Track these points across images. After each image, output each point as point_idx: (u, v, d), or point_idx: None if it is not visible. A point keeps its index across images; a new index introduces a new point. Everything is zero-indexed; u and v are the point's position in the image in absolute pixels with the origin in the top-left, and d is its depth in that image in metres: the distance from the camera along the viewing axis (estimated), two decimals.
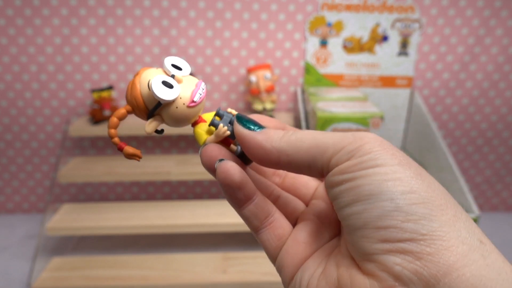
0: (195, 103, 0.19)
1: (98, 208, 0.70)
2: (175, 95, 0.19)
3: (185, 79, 0.20)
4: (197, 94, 0.19)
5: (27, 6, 0.70)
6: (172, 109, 0.19)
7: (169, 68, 0.19)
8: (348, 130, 0.61)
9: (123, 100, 0.78)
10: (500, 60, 0.77)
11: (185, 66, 0.20)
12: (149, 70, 0.20)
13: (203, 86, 0.20)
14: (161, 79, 0.19)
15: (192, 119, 0.20)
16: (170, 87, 0.19)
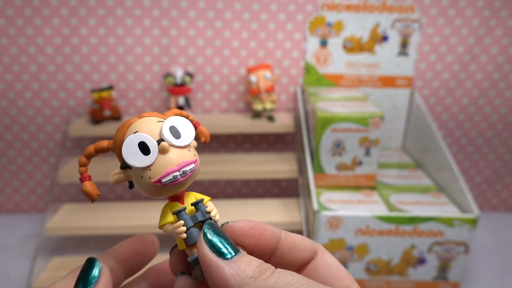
0: (160, 183, 0.16)
1: (98, 208, 0.70)
2: (139, 164, 0.16)
3: (175, 150, 0.16)
4: (169, 176, 0.16)
5: (27, 6, 0.70)
6: (137, 176, 0.17)
7: (164, 131, 0.16)
8: (348, 130, 0.61)
9: (123, 100, 0.78)
10: (500, 60, 0.77)
11: (187, 134, 0.17)
12: (146, 120, 0.17)
13: (189, 168, 0.16)
14: (140, 139, 0.16)
15: (158, 195, 0.17)
16: (145, 152, 0.16)
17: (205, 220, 0.17)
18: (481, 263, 0.69)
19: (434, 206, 0.59)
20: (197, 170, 0.17)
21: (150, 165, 0.16)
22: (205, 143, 0.19)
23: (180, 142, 0.17)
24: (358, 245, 0.56)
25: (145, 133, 0.16)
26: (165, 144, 0.16)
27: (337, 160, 0.64)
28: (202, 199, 0.18)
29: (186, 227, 0.17)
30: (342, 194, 0.63)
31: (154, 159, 0.16)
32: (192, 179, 0.17)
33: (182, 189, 0.18)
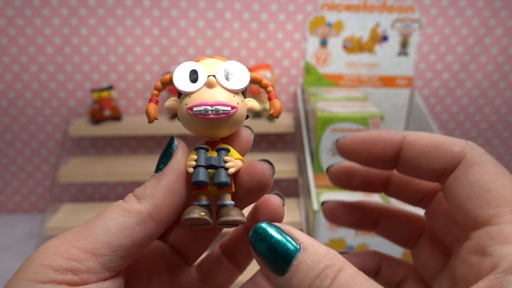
0: (192, 111, 0.16)
1: (98, 208, 0.70)
2: (182, 87, 0.17)
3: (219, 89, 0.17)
4: (200, 107, 0.16)
5: (27, 6, 0.70)
6: (179, 101, 0.17)
7: (218, 70, 0.17)
8: (348, 130, 0.61)
9: (123, 100, 0.78)
10: (500, 60, 0.77)
11: (238, 81, 0.17)
12: (214, 60, 0.18)
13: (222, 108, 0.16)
14: (193, 67, 0.17)
15: (191, 128, 0.17)
16: (193, 81, 0.17)
17: (217, 167, 0.17)
18: None
19: None
20: (234, 118, 0.17)
21: (192, 93, 0.17)
22: (272, 116, 0.18)
23: (228, 84, 0.17)
24: (358, 245, 0.56)
25: (203, 65, 0.17)
26: (212, 79, 0.17)
27: (337, 160, 0.63)
28: (229, 149, 0.17)
29: (196, 164, 0.17)
30: (342, 194, 0.63)
31: (197, 88, 0.17)
32: (227, 124, 0.17)
33: (215, 130, 0.17)
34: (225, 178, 0.16)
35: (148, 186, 0.16)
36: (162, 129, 0.71)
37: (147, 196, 0.15)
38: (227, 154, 0.17)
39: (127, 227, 0.15)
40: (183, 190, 0.16)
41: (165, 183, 0.16)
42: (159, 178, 0.16)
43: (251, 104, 0.18)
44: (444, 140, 0.17)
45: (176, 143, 0.17)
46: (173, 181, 0.16)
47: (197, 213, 0.16)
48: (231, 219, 0.16)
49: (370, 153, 0.18)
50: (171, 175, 0.16)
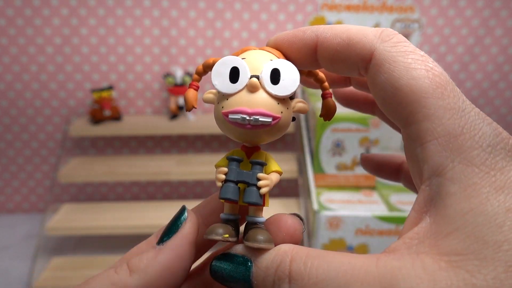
0: (227, 117, 0.14)
1: (98, 208, 0.70)
2: (219, 86, 0.15)
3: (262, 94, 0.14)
4: (237, 115, 0.14)
5: (27, 6, 0.70)
6: (216, 100, 0.15)
7: (264, 69, 0.14)
8: (348, 130, 0.61)
9: (123, 100, 0.78)
10: (500, 60, 0.77)
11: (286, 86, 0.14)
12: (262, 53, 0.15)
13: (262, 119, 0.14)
14: (236, 64, 0.15)
15: (226, 132, 0.15)
16: (233, 80, 0.14)
17: (249, 184, 0.15)
18: None
19: None
20: (275, 128, 0.15)
21: (230, 95, 0.14)
22: (323, 118, 0.16)
23: (273, 89, 0.14)
24: (358, 245, 0.56)
25: (247, 63, 0.15)
26: (254, 81, 0.14)
27: (337, 160, 0.64)
28: (265, 163, 0.15)
29: (226, 178, 0.15)
30: (342, 194, 0.63)
31: (237, 90, 0.14)
32: (267, 134, 0.15)
33: (252, 140, 0.15)
34: (256, 198, 0.14)
35: (145, 258, 0.14)
36: (162, 129, 0.71)
37: (140, 270, 0.14)
38: (261, 169, 0.15)
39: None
40: (181, 270, 0.14)
41: (163, 259, 0.14)
42: (158, 252, 0.14)
43: (299, 106, 0.15)
44: (355, 34, 0.14)
45: (186, 216, 0.15)
46: (173, 259, 0.14)
47: (220, 234, 0.14)
48: (257, 246, 0.14)
49: (292, 56, 0.16)
50: (172, 252, 0.14)
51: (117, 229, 0.65)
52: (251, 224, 0.15)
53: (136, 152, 0.83)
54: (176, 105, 0.73)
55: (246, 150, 0.16)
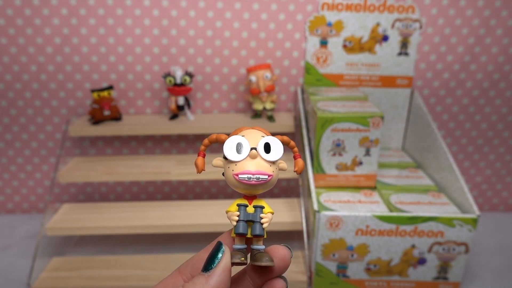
0: (237, 177, 0.21)
1: (98, 208, 0.70)
2: (230, 157, 0.21)
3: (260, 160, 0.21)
4: (245, 175, 0.21)
5: (27, 6, 0.70)
6: (226, 165, 0.22)
7: (259, 144, 0.21)
8: (348, 130, 0.61)
9: (123, 100, 0.78)
10: (500, 60, 0.77)
11: (275, 154, 0.21)
12: (255, 131, 0.22)
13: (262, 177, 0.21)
14: (241, 141, 0.21)
15: (235, 188, 0.22)
16: (238, 152, 0.21)
17: (255, 222, 0.21)
18: (481, 263, 0.69)
19: (434, 206, 0.59)
20: (270, 182, 0.21)
21: (237, 162, 0.21)
22: (296, 172, 0.23)
23: (267, 157, 0.21)
24: (358, 245, 0.56)
25: (247, 139, 0.21)
26: (254, 152, 0.21)
27: (337, 160, 0.63)
28: (263, 206, 0.22)
29: (238, 219, 0.21)
30: (342, 194, 0.63)
31: (242, 158, 0.21)
32: (263, 187, 0.22)
33: (254, 191, 0.22)
34: (259, 231, 0.21)
35: (198, 283, 0.18)
36: (161, 129, 0.71)
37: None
38: (262, 211, 0.22)
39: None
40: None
41: (214, 282, 0.18)
42: (208, 278, 0.19)
43: (281, 166, 0.22)
44: None
45: (223, 249, 0.20)
46: (219, 282, 0.19)
47: (238, 258, 0.20)
48: (263, 264, 0.20)
49: None
50: (219, 277, 0.19)
51: (117, 229, 0.65)
52: (255, 250, 0.22)
53: (136, 152, 0.83)
54: (176, 105, 0.73)
55: (247, 198, 0.22)
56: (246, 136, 0.22)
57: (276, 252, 0.21)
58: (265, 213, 0.22)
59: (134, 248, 0.74)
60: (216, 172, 0.69)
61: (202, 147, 0.23)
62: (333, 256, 0.57)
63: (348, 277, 0.59)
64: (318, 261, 0.58)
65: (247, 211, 0.22)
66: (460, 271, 0.58)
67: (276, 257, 0.21)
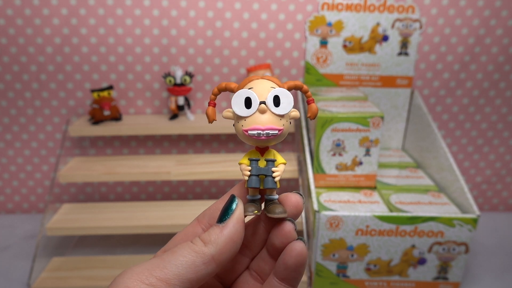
0: (247, 133, 0.21)
1: (98, 208, 0.70)
2: (238, 112, 0.21)
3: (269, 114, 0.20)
4: (254, 131, 0.20)
5: (27, 6, 0.70)
6: (236, 120, 0.21)
7: (268, 97, 0.20)
8: (348, 130, 0.61)
9: (123, 100, 0.78)
10: (500, 60, 0.77)
11: (285, 106, 0.21)
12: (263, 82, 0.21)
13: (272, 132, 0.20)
14: (248, 95, 0.20)
15: (245, 141, 0.21)
16: (247, 106, 0.20)
17: (266, 175, 0.21)
18: (481, 263, 0.69)
19: (434, 206, 0.59)
20: (281, 135, 0.21)
21: (246, 117, 0.21)
22: (310, 118, 0.22)
23: (276, 110, 0.20)
24: (358, 245, 0.56)
25: (255, 92, 0.20)
26: (263, 107, 0.20)
27: (337, 160, 0.63)
28: (275, 160, 0.22)
29: (250, 173, 0.21)
30: (342, 194, 0.63)
31: (251, 113, 0.20)
32: (274, 141, 0.21)
33: (265, 144, 0.22)
34: (272, 184, 0.21)
35: (212, 233, 0.20)
36: (161, 129, 0.71)
37: (212, 242, 0.19)
38: (273, 164, 0.22)
39: (195, 265, 0.19)
40: (240, 240, 0.20)
41: (227, 233, 0.20)
42: (223, 228, 0.20)
43: (293, 114, 0.21)
44: None
45: (237, 202, 0.21)
46: (233, 232, 0.20)
47: (252, 211, 0.21)
48: (276, 216, 0.21)
49: None
50: (232, 228, 0.20)
51: (117, 229, 0.65)
52: (269, 201, 0.22)
53: (136, 152, 0.82)
54: (176, 105, 0.73)
55: (259, 150, 0.22)
56: (254, 89, 0.21)
57: (289, 200, 0.22)
58: (277, 165, 0.22)
59: (134, 248, 0.74)
60: (216, 172, 0.69)
61: (211, 96, 0.22)
62: (333, 256, 0.57)
63: (348, 277, 0.59)
64: (318, 261, 0.58)
65: (258, 165, 0.22)
66: (460, 271, 0.58)
67: (288, 205, 0.22)
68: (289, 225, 0.21)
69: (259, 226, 0.23)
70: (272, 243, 0.22)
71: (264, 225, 0.23)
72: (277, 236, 0.21)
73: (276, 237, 0.21)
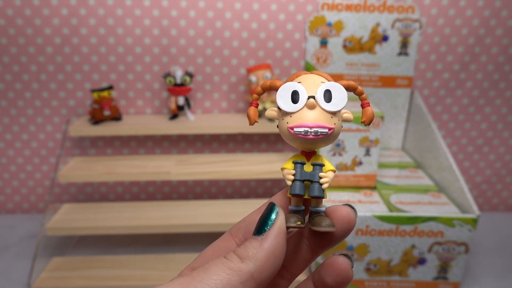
0: (292, 131, 0.18)
1: (98, 208, 0.70)
2: (283, 107, 0.18)
3: (319, 111, 0.18)
4: (301, 129, 0.18)
5: (27, 6, 0.70)
6: (280, 117, 0.19)
7: (319, 91, 0.18)
8: (348, 130, 0.61)
9: (123, 100, 0.78)
10: (500, 60, 0.77)
11: (337, 103, 0.18)
12: (313, 76, 0.19)
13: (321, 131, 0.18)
14: (295, 88, 0.18)
15: (290, 142, 0.19)
16: (294, 101, 0.18)
17: (312, 181, 0.18)
18: (481, 263, 0.69)
19: (434, 206, 0.59)
20: (331, 136, 0.18)
21: (293, 113, 0.18)
22: (364, 124, 0.19)
23: (327, 106, 0.18)
24: (358, 245, 0.56)
25: (304, 86, 0.18)
26: (312, 101, 0.18)
27: (337, 160, 0.63)
28: (323, 164, 0.19)
29: (294, 178, 0.18)
30: (342, 194, 0.63)
31: (298, 109, 0.18)
32: (323, 142, 0.18)
33: (312, 147, 0.19)
34: (318, 192, 0.18)
35: (250, 247, 0.17)
36: (161, 130, 0.71)
37: (250, 257, 0.16)
38: (321, 170, 0.19)
39: (230, 284, 0.16)
40: (282, 255, 0.17)
41: (268, 246, 0.17)
42: (262, 241, 0.17)
43: (345, 116, 0.19)
44: None
45: (277, 211, 0.18)
46: (275, 245, 0.17)
47: (294, 222, 0.18)
48: (322, 230, 0.18)
49: None
50: (274, 240, 0.17)
51: (117, 229, 0.65)
52: (314, 213, 0.19)
53: (136, 152, 0.83)
54: (176, 105, 0.73)
55: (305, 154, 0.20)
56: (303, 83, 0.18)
57: (339, 213, 0.19)
58: (325, 171, 0.19)
59: (134, 248, 0.74)
60: (216, 172, 0.69)
61: (254, 95, 0.20)
62: None
63: None
64: (318, 261, 0.58)
65: (304, 169, 0.19)
66: (460, 271, 0.58)
67: (338, 219, 0.19)
68: (345, 262, 0.19)
69: (301, 243, 0.20)
70: (322, 279, 0.19)
71: (307, 242, 0.20)
72: (330, 273, 0.18)
73: (328, 274, 0.19)
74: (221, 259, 0.17)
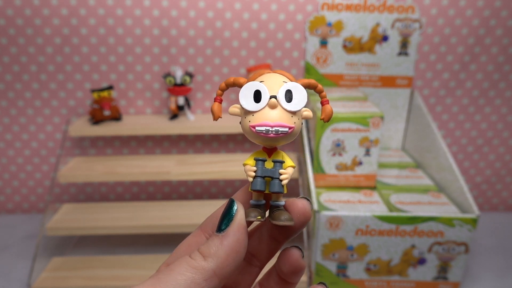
0: (254, 130, 0.19)
1: (98, 208, 0.70)
2: (246, 106, 0.19)
3: (280, 110, 0.19)
4: (262, 127, 0.18)
5: (27, 6, 0.70)
6: (243, 115, 0.19)
7: (280, 91, 0.19)
8: (348, 130, 0.61)
9: (123, 100, 0.78)
10: (500, 60, 0.77)
11: (297, 103, 0.19)
12: (275, 76, 0.19)
13: (282, 130, 0.18)
14: (259, 87, 0.19)
15: (252, 139, 0.20)
16: (256, 100, 0.19)
17: (273, 178, 0.19)
18: (481, 263, 0.69)
19: (434, 206, 0.59)
20: (291, 135, 0.19)
21: (255, 112, 0.19)
22: (323, 120, 0.20)
23: (288, 106, 0.19)
24: (358, 245, 0.56)
25: (266, 86, 0.19)
26: (273, 101, 0.18)
27: (337, 160, 0.63)
28: (283, 161, 0.20)
29: (255, 174, 0.19)
30: (342, 194, 0.63)
31: (260, 108, 0.19)
32: (284, 139, 0.19)
33: (273, 144, 0.20)
34: (278, 188, 0.19)
35: (212, 245, 0.18)
36: (161, 129, 0.71)
37: (212, 255, 0.17)
38: (281, 166, 0.20)
39: (195, 283, 0.17)
40: (243, 250, 0.18)
41: (228, 243, 0.18)
42: (222, 238, 0.18)
43: (305, 114, 0.20)
44: None
45: (236, 207, 0.19)
46: (235, 241, 0.18)
47: (254, 216, 0.19)
48: (281, 224, 0.19)
49: None
50: (233, 237, 0.18)
51: (117, 229, 0.65)
52: (274, 207, 0.20)
53: (136, 152, 0.83)
54: (176, 105, 0.73)
55: (267, 151, 0.20)
56: (265, 82, 0.19)
57: (295, 206, 0.20)
58: (285, 167, 0.20)
59: (134, 248, 0.74)
60: (216, 172, 0.69)
61: (218, 91, 0.20)
62: (333, 256, 0.57)
63: (348, 277, 0.59)
64: (318, 261, 0.58)
65: (265, 166, 0.19)
66: (460, 271, 0.58)
67: (295, 211, 0.20)
68: (296, 253, 0.20)
69: (264, 233, 0.22)
70: (280, 268, 0.21)
71: (269, 233, 0.21)
72: (285, 263, 0.20)
73: (283, 264, 0.20)
74: (186, 258, 0.18)
